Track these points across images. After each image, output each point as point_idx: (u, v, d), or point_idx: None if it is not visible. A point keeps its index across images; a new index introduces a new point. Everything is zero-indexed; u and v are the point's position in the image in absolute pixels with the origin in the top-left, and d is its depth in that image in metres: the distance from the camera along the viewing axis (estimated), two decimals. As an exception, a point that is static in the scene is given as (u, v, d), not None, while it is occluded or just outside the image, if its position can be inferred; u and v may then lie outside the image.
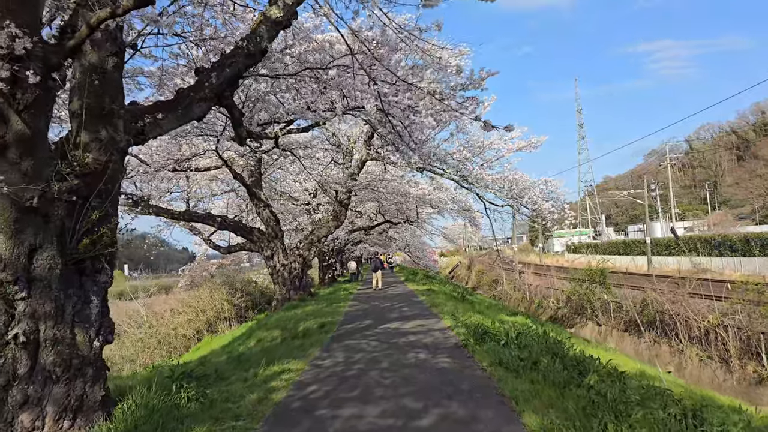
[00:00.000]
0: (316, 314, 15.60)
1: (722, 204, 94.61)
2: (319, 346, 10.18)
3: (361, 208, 31.89)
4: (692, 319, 15.41)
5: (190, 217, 19.02)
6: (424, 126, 11.36)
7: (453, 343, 9.26)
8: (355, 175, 19.90)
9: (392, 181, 22.36)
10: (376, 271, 26.53)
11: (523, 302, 32.90)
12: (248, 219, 23.59)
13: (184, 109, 6.93)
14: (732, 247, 38.37)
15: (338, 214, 20.58)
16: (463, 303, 17.54)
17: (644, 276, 34.11)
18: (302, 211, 27.34)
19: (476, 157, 17.58)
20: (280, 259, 19.54)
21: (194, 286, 32.10)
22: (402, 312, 15.06)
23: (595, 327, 22.71)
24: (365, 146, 19.68)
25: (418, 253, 45.67)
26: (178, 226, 23.60)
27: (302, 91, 9.72)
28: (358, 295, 23.08)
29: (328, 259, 35.16)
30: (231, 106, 8.02)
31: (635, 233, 75.56)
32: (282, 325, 14.74)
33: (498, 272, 45.78)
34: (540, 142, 18.39)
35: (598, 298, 22.47)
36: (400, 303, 17.89)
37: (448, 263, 75.70)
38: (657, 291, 17.65)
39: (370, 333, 11.41)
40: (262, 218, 19.49)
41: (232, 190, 23.40)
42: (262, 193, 19.12)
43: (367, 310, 16.27)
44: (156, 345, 23.05)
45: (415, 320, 12.93)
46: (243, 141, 9.07)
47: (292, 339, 12.16)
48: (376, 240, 42.05)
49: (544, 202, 16.73)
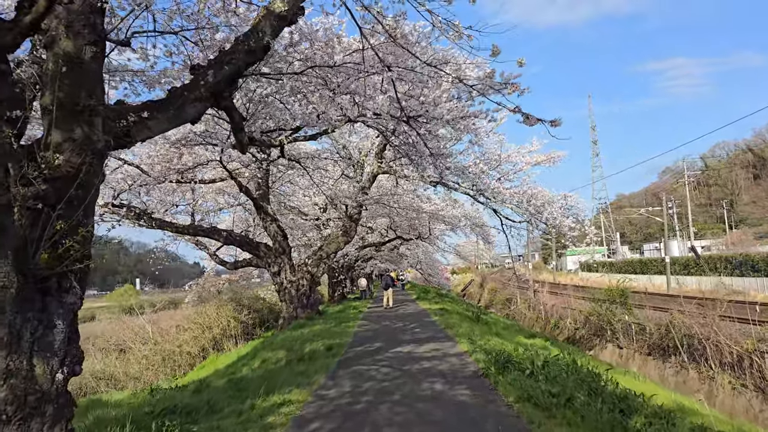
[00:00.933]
0: (323, 335, 14.80)
1: (739, 223, 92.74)
2: (325, 371, 9.36)
3: (372, 223, 31.17)
4: (724, 343, 14.38)
5: (195, 231, 18.34)
6: (440, 137, 10.63)
7: (472, 372, 8.39)
8: (366, 188, 19.19)
9: (404, 195, 21.60)
10: (387, 289, 25.64)
11: (538, 322, 31.84)
12: (255, 234, 22.89)
13: (177, 110, 6.23)
14: (754, 267, 37.10)
15: (348, 229, 19.82)
16: (479, 324, 16.66)
17: (664, 296, 32.97)
18: (312, 226, 26.64)
19: (493, 171, 16.81)
20: (287, 276, 18.77)
21: (201, 301, 31.49)
22: (415, 334, 14.18)
23: (615, 350, 21.64)
24: (377, 159, 18.99)
25: (430, 270, 44.70)
26: (184, 240, 22.97)
27: (309, 97, 9.03)
28: (369, 313, 22.22)
29: (338, 276, 34.33)
30: (230, 109, 7.32)
31: (651, 252, 74.13)
32: (287, 345, 13.99)
33: (512, 291, 44.77)
34: (559, 156, 17.60)
35: (619, 320, 21.43)
36: (413, 323, 17.01)
37: (460, 281, 74.55)
38: (685, 313, 16.64)
39: (381, 357, 10.56)
40: (269, 233, 18.78)
41: (240, 204, 22.74)
42: (270, 207, 18.43)
43: (378, 331, 15.42)
44: (160, 362, 22.41)
45: (429, 343, 12.06)
46: (244, 148, 8.35)
47: (297, 362, 11.39)
48: (387, 256, 41.22)
49: (564, 218, 15.88)
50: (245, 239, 18.98)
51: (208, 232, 18.46)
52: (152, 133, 6.29)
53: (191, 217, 18.64)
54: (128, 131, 5.84)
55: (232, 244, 19.25)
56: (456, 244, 40.74)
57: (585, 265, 77.58)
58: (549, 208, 15.83)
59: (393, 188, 21.16)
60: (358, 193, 18.86)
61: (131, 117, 5.65)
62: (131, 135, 5.90)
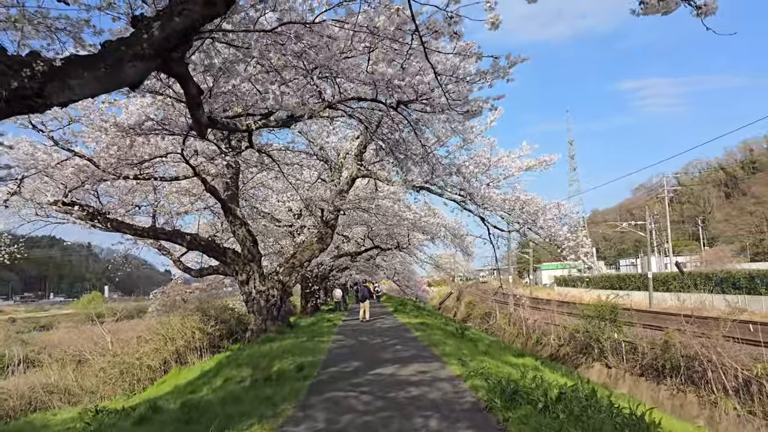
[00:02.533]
0: (294, 351, 13.33)
1: (711, 240, 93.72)
2: (295, 399, 7.89)
3: (348, 232, 29.80)
4: (730, 366, 13.31)
5: (155, 234, 16.70)
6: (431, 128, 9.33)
7: (471, 403, 7.01)
8: (344, 192, 17.81)
9: (385, 200, 20.29)
10: (363, 301, 24.11)
11: (519, 338, 30.69)
12: (223, 239, 21.29)
13: (111, 68, 4.81)
14: (735, 285, 36.63)
15: (324, 236, 18.38)
16: (465, 341, 15.32)
17: (648, 313, 32.19)
18: (285, 233, 25.14)
19: (482, 176, 15.61)
20: (256, 285, 17.21)
21: (166, 311, 29.77)
22: (396, 352, 12.72)
23: (603, 369, 20.51)
24: (356, 161, 17.66)
25: (408, 282, 43.33)
26: (145, 244, 21.27)
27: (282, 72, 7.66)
28: (344, 327, 20.71)
29: (311, 286, 32.74)
30: (184, 77, 5.91)
31: (627, 267, 74.02)
32: (254, 362, 12.55)
33: (490, 305, 43.65)
34: (552, 160, 16.47)
35: (608, 337, 20.32)
36: (393, 339, 15.54)
37: (436, 293, 73.37)
38: (685, 332, 15.56)
39: (360, 381, 9.12)
40: (237, 238, 17.23)
41: (207, 207, 21.15)
42: (239, 210, 16.91)
43: (355, 348, 13.94)
44: (118, 376, 20.76)
45: (414, 364, 10.61)
46: (203, 130, 6.92)
47: (263, 383, 9.94)
48: (363, 267, 39.76)
49: (560, 227, 14.73)
50: (211, 244, 17.36)
51: (170, 236, 16.83)
52: (76, 96, 4.84)
53: (152, 218, 17.01)
54: (40, 91, 4.43)
55: (197, 249, 17.62)
56: (436, 255, 39.48)
57: (561, 280, 77.15)
58: (543, 216, 14.66)
59: (372, 193, 19.83)
60: (336, 197, 17.46)
61: (38, 65, 4.22)
62: (45, 95, 4.49)
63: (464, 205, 16.10)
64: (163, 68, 5.57)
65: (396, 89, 7.74)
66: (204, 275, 21.30)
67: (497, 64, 7.60)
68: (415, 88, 7.73)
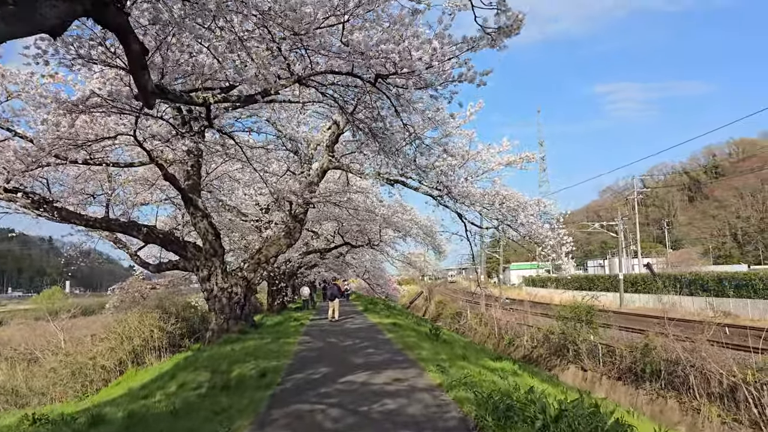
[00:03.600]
0: (257, 353, 12.31)
1: (675, 243, 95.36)
2: (254, 412, 6.89)
3: (318, 228, 28.75)
4: (716, 372, 12.76)
5: (108, 225, 15.40)
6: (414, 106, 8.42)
7: (457, 420, 6.10)
8: (315, 185, 16.82)
9: (357, 194, 19.35)
10: (332, 300, 23.04)
11: (490, 338, 30.04)
12: (184, 233, 20.06)
13: (23, 6, 3.78)
14: (704, 287, 36.80)
15: (292, 230, 17.35)
16: (440, 343, 14.49)
17: (618, 314, 31.96)
18: (252, 228, 23.93)
19: (460, 169, 14.77)
20: (218, 282, 16.07)
21: (124, 308, 28.33)
22: (368, 356, 11.75)
23: (578, 372, 19.95)
24: (327, 153, 16.70)
25: (379, 280, 42.39)
26: (100, 237, 19.88)
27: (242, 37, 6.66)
28: (312, 327, 19.66)
29: (279, 284, 31.53)
30: (123, 30, 4.89)
31: (595, 268, 74.57)
32: (213, 365, 11.52)
33: (461, 304, 43.04)
34: (533, 157, 15.78)
35: (584, 340, 19.76)
36: (364, 341, 14.55)
37: (406, 292, 72.68)
38: (669, 336, 15.00)
39: (329, 390, 8.14)
40: (198, 231, 16.06)
41: (168, 198, 19.88)
42: (201, 201, 15.73)
43: (323, 351, 12.93)
44: (70, 377, 19.36)
45: (388, 370, 9.66)
46: (149, 99, 5.86)
47: (221, 391, 8.93)
48: (332, 264, 38.66)
49: (542, 224, 14.01)
50: (170, 237, 16.13)
51: (124, 228, 15.55)
52: (-26, 40, 3.81)
53: (106, 208, 15.71)
54: None
55: (154, 242, 16.36)
56: (407, 252, 38.67)
57: (530, 280, 77.32)
58: (524, 213, 13.92)
59: (344, 186, 18.88)
60: (305, 190, 16.45)
61: None
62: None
63: (441, 201, 15.28)
64: (95, 15, 4.55)
65: (374, 61, 6.82)
66: (163, 270, 20.03)
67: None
68: (396, 60, 6.81)
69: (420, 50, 6.95)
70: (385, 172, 15.50)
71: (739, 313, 31.58)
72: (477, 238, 16.79)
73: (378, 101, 8.47)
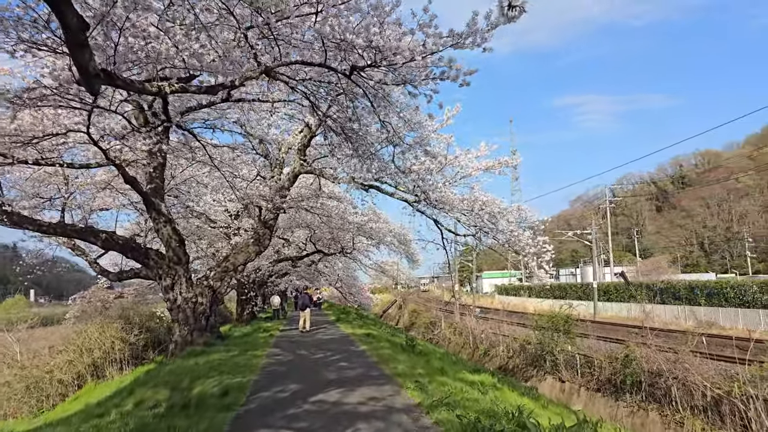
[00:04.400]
0: (222, 368, 11.50)
1: (643, 251, 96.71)
2: (212, 439, 6.16)
3: (289, 235, 27.92)
4: (700, 384, 12.40)
5: (63, 230, 14.37)
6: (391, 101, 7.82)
7: (441, 448, 5.49)
8: (285, 189, 16.09)
9: (330, 200, 18.67)
10: (303, 309, 22.21)
11: (465, 348, 29.56)
12: (148, 240, 19.08)
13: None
14: (676, 295, 36.98)
15: (261, 237, 16.55)
16: (416, 356, 13.85)
17: (593, 323, 31.82)
18: (221, 235, 23.01)
19: (438, 174, 14.23)
20: (182, 291, 15.17)
21: (85, 318, 27.03)
22: (341, 370, 11.00)
23: (556, 383, 19.52)
24: (299, 156, 16.01)
25: (351, 289, 41.57)
26: (57, 244, 18.76)
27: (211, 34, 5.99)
28: (282, 338, 18.82)
29: (248, 293, 30.52)
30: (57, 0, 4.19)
31: (567, 277, 74.94)
32: (173, 381, 10.70)
33: (435, 314, 42.53)
34: (515, 162, 15.33)
35: (562, 350, 19.37)
36: (337, 354, 13.80)
37: (379, 301, 71.98)
38: (650, 346, 14.64)
39: (298, 412, 7.40)
40: (161, 237, 15.14)
41: (132, 202, 18.92)
42: (164, 205, 14.84)
43: (293, 365, 12.15)
44: (24, 391, 18.20)
45: (362, 387, 8.94)
46: (91, 83, 5.13)
47: (179, 411, 8.15)
48: (304, 273, 37.74)
49: (522, 231, 13.52)
50: (130, 243, 15.16)
51: (81, 234, 14.54)
52: None
53: (61, 213, 14.72)
54: None
55: (113, 249, 15.38)
56: (381, 261, 38.02)
57: (502, 289, 77.33)
58: (504, 219, 13.42)
59: (317, 191, 18.18)
60: (276, 194, 15.71)
61: None
62: None
63: (417, 207, 14.72)
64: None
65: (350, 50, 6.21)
66: (124, 279, 18.96)
67: (474, 22, 6.21)
68: (373, 50, 6.21)
69: (402, 40, 6.39)
70: (359, 177, 14.86)
71: (711, 321, 31.73)
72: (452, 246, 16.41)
73: (354, 101, 7.86)
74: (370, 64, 6.47)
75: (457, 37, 6.34)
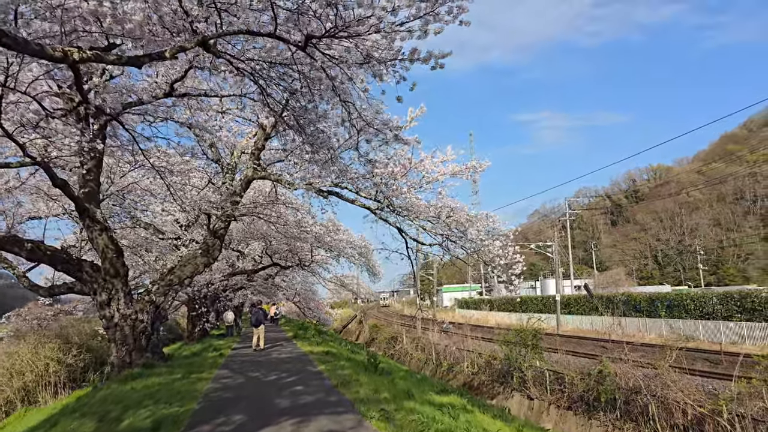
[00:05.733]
0: (159, 394, 10.12)
1: (599, 265, 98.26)
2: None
3: (243, 247, 26.47)
4: (681, 401, 11.66)
5: (-19, 240, 12.72)
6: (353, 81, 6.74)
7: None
8: (237, 196, 14.82)
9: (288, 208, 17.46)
10: (258, 326, 20.73)
11: (428, 364, 28.50)
12: (83, 250, 17.44)
13: None
14: (636, 307, 36.95)
15: (210, 247, 15.20)
16: (378, 375, 12.70)
17: (558, 337, 31.36)
18: (170, 246, 21.42)
19: (402, 178, 13.21)
20: (120, 307, 13.64)
21: (19, 337, 24.86)
22: (296, 396, 9.70)
23: (524, 400, 18.64)
24: (252, 159, 14.81)
25: (309, 303, 40.08)
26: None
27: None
28: (232, 358, 17.33)
29: (199, 308, 28.75)
30: None
31: (527, 290, 74.98)
32: (103, 411, 9.37)
33: (396, 328, 41.44)
34: (482, 167, 14.44)
35: (530, 366, 18.53)
36: (292, 376, 12.43)
37: (338, 316, 70.47)
38: (627, 361, 13.89)
39: (241, 451, 6.19)
40: (96, 247, 13.61)
41: (66, 211, 17.28)
42: (99, 212, 13.33)
43: (242, 390, 10.79)
44: (-57, 420, 16.32)
45: (319, 417, 7.69)
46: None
47: (104, 449, 6.82)
48: (261, 287, 36.08)
49: (492, 241, 12.60)
50: (59, 254, 13.50)
51: (1, 242, 12.88)
52: None
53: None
54: None
55: (41, 261, 13.70)
56: (340, 274, 36.77)
57: (463, 302, 76.88)
58: (473, 227, 12.48)
59: (271, 197, 16.95)
60: (227, 201, 14.42)
61: None
62: None
63: (380, 214, 13.66)
64: None
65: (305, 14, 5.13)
66: (56, 294, 17.13)
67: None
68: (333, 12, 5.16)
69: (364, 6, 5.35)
70: (318, 183, 13.71)
71: (671, 333, 31.67)
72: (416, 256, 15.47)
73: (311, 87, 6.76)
74: (327, 33, 5.41)
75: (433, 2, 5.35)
